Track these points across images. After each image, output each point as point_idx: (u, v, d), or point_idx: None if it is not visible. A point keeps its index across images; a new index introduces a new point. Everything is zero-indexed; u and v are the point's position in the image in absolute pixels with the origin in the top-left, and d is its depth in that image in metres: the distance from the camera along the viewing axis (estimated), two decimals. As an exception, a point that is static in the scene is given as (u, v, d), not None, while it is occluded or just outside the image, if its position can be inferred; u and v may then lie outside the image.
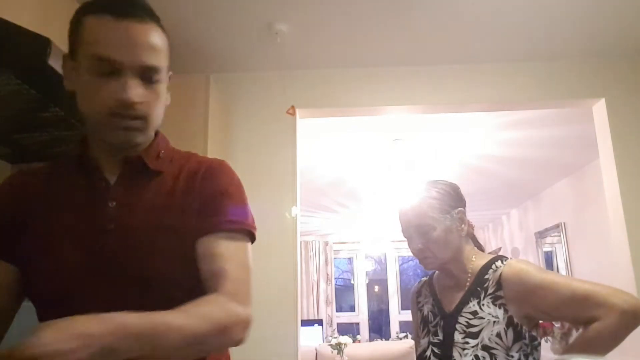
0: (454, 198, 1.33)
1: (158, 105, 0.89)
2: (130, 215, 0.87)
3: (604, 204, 2.74)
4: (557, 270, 5.16)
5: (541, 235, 5.60)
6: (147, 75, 0.85)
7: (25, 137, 1.68)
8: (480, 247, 1.37)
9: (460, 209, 1.32)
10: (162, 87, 0.89)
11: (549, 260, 5.47)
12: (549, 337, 3.54)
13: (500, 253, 1.39)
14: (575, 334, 1.13)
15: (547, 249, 5.56)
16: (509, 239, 6.71)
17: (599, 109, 2.68)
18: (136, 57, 0.83)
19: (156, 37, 0.87)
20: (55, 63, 1.25)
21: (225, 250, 0.86)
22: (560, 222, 5.09)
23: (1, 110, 1.48)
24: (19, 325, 1.90)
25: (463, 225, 1.31)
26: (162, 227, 0.87)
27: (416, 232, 1.30)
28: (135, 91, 0.83)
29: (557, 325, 3.53)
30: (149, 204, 0.89)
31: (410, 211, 1.32)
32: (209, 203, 0.90)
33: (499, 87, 2.70)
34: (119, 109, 0.83)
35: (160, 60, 0.87)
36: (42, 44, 1.23)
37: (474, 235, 1.37)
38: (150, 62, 0.85)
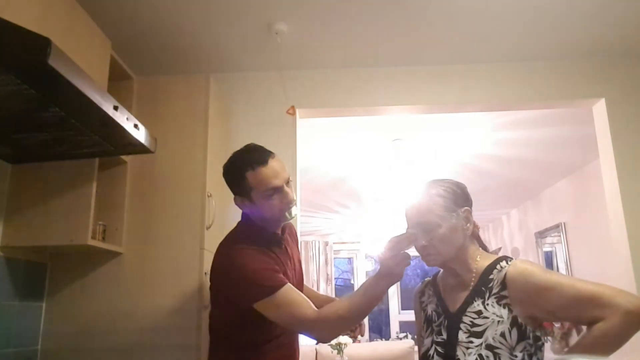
0: (461, 197, 1.33)
1: None
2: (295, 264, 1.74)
3: (604, 204, 2.74)
4: (557, 270, 5.16)
5: (541, 235, 5.60)
6: (287, 182, 1.56)
7: (25, 137, 1.68)
8: (485, 248, 1.37)
9: (466, 208, 1.32)
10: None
11: (549, 260, 5.47)
12: (549, 337, 3.55)
13: (501, 253, 1.39)
14: (575, 334, 1.14)
15: (547, 249, 5.56)
16: (509, 239, 6.71)
17: (599, 109, 2.68)
18: (284, 177, 1.54)
19: None
20: (56, 63, 1.24)
21: None
22: (560, 222, 5.09)
23: (1, 110, 1.48)
24: (19, 325, 1.90)
25: (468, 225, 1.31)
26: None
27: (421, 229, 1.30)
28: (291, 192, 1.57)
29: (557, 325, 3.53)
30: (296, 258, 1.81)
31: (416, 208, 1.32)
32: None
33: (499, 87, 2.70)
34: (288, 206, 1.55)
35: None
36: (42, 44, 1.22)
37: (478, 236, 1.37)
38: (288, 175, 1.57)
